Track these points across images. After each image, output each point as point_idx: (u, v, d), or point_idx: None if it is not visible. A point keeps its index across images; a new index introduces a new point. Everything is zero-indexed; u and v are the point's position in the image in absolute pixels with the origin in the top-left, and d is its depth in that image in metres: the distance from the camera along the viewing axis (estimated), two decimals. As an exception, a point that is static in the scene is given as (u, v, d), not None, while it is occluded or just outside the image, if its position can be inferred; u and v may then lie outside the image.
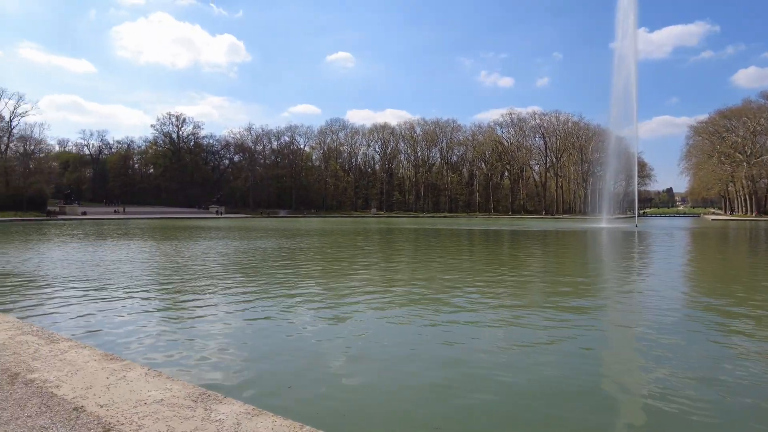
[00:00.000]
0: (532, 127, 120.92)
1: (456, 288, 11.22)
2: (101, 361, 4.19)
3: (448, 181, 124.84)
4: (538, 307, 9.07)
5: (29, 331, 5.27)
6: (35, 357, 4.34)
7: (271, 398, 4.59)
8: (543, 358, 5.91)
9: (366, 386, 5.07)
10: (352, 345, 6.48)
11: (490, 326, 7.59)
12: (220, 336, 6.85)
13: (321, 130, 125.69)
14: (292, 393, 4.77)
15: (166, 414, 3.09)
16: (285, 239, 28.31)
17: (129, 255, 18.43)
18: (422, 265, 16.73)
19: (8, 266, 14.77)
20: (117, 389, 3.53)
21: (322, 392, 4.82)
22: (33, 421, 3.02)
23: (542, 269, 15.62)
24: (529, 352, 6.12)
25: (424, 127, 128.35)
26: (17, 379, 3.78)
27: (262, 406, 3.40)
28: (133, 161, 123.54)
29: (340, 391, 4.90)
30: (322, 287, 11.49)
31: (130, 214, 80.00)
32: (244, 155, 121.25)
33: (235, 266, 15.33)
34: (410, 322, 7.81)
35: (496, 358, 5.90)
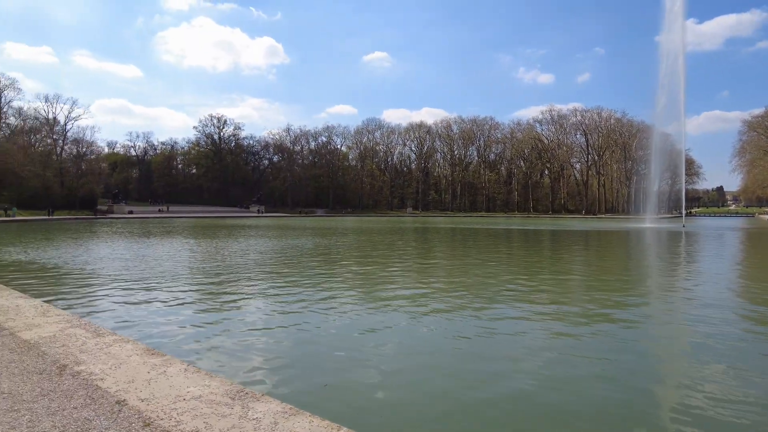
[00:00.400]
0: (572, 124, 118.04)
1: (495, 290, 10.98)
2: (143, 355, 4.27)
3: (485, 179, 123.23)
4: (582, 315, 8.75)
5: (77, 324, 5.45)
6: (82, 350, 4.46)
7: (307, 396, 4.57)
8: (588, 372, 5.63)
9: (401, 388, 4.97)
10: (388, 346, 6.40)
11: (532, 335, 7.35)
12: (257, 333, 6.91)
13: (357, 130, 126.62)
14: (327, 392, 4.73)
15: (205, 411, 3.09)
16: (322, 238, 28.55)
17: (172, 252, 18.98)
18: (459, 265, 16.51)
19: (60, 261, 15.46)
20: (157, 384, 3.57)
21: (358, 392, 4.76)
22: (78, 413, 3.08)
23: (584, 273, 15.11)
24: (574, 367, 5.83)
25: (461, 125, 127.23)
26: (65, 371, 3.88)
27: (298, 404, 3.37)
28: (177, 162, 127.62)
29: (376, 391, 4.83)
30: (359, 286, 11.48)
31: (174, 213, 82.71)
32: (282, 155, 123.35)
33: (274, 264, 15.54)
34: (447, 326, 7.67)
35: (539, 372, 5.60)
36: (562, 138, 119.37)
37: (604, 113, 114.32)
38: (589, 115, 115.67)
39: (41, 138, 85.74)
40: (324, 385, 4.89)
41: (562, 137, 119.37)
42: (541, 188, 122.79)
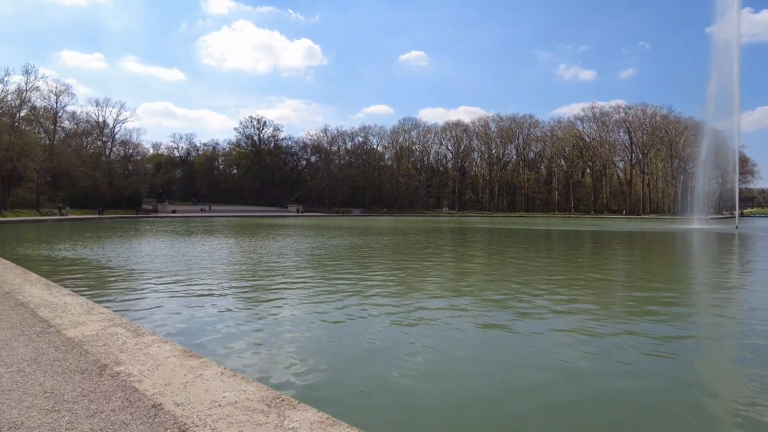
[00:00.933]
0: (615, 121, 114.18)
1: (534, 294, 10.62)
2: (180, 357, 4.25)
3: (524, 179, 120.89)
4: (624, 323, 8.32)
5: (119, 323, 5.51)
6: (122, 349, 4.49)
7: (344, 403, 4.45)
8: (631, 386, 5.31)
9: (441, 396, 4.79)
10: (426, 352, 6.22)
11: (572, 345, 7.02)
12: (294, 335, 6.86)
13: (393, 130, 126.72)
14: (364, 399, 4.60)
15: (240, 418, 3.00)
16: (359, 238, 28.58)
17: (212, 250, 19.36)
18: (497, 267, 16.12)
19: (103, 259, 16.00)
20: (193, 387, 3.52)
21: (395, 400, 4.61)
22: (115, 416, 3.05)
23: (629, 279, 14.48)
24: (619, 380, 5.51)
25: (500, 124, 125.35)
26: (105, 371, 3.89)
27: (335, 412, 3.25)
28: (218, 162, 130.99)
29: (414, 398, 4.66)
30: (397, 288, 11.33)
31: (216, 212, 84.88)
32: (320, 156, 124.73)
33: (312, 264, 15.59)
34: (485, 331, 7.42)
35: (582, 384, 5.33)
36: (604, 136, 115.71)
37: (649, 110, 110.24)
38: (633, 111, 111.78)
39: (92, 140, 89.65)
40: (361, 391, 4.76)
41: (604, 135, 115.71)
42: (582, 188, 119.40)
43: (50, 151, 71.42)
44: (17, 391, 3.50)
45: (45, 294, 7.45)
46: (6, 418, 3.03)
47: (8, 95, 68.98)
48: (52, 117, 79.44)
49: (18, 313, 6.10)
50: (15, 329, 5.28)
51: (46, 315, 5.94)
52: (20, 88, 70.31)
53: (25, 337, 4.94)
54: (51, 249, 19.87)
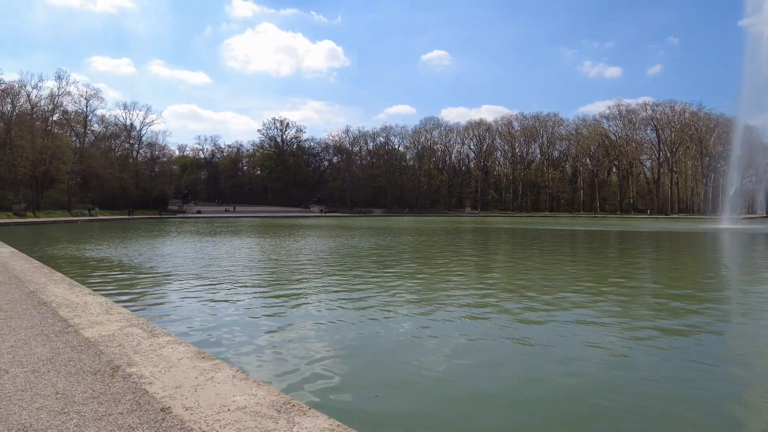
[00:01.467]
0: (642, 119, 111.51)
1: (559, 296, 10.34)
2: (193, 358, 4.19)
3: (548, 178, 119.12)
4: (653, 330, 8.01)
5: (136, 324, 5.51)
6: (136, 350, 4.46)
7: (358, 408, 4.34)
8: (661, 394, 5.05)
9: (460, 401, 4.63)
10: (446, 355, 6.06)
11: (600, 355, 6.76)
12: (312, 337, 6.78)
13: (415, 130, 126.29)
14: (378, 404, 4.48)
15: (248, 424, 2.90)
16: (381, 238, 28.49)
17: (235, 251, 19.51)
18: (521, 269, 15.82)
19: (126, 259, 16.26)
20: (204, 391, 3.45)
21: (410, 406, 4.48)
22: (123, 419, 2.99)
23: (656, 281, 14.03)
24: (653, 391, 5.27)
25: (523, 122, 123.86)
26: (118, 372, 3.86)
27: (348, 416, 3.14)
28: (242, 164, 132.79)
29: (430, 407, 4.52)
30: (417, 289, 11.19)
31: (240, 212, 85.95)
32: (341, 157, 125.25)
33: (331, 264, 15.55)
34: (508, 333, 7.22)
35: (615, 396, 5.07)
36: (630, 134, 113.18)
37: (678, 107, 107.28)
38: (661, 109, 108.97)
39: (120, 143, 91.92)
40: (375, 396, 4.64)
41: (630, 133, 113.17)
42: (608, 187, 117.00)
43: (81, 154, 73.45)
44: (30, 391, 3.48)
45: (67, 293, 7.53)
46: (15, 420, 3.00)
47: (42, 100, 71.28)
48: (83, 120, 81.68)
49: (39, 312, 6.17)
50: (35, 328, 5.32)
51: (66, 314, 5.99)
52: (53, 93, 72.61)
53: (43, 337, 4.96)
54: (78, 249, 20.32)
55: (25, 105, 68.46)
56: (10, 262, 11.65)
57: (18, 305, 6.59)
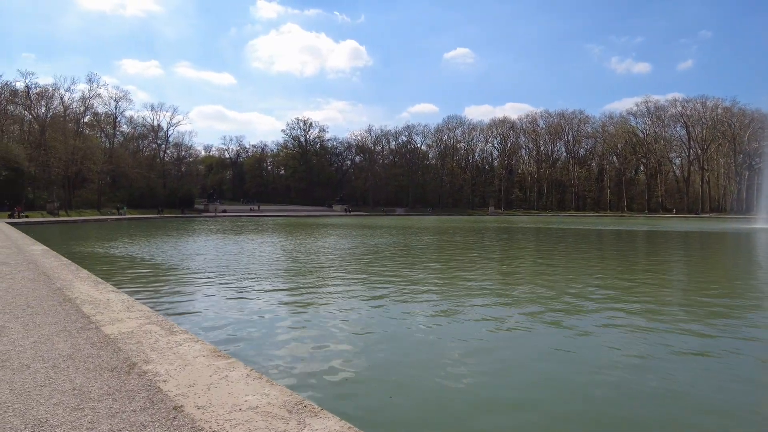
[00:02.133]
0: (672, 115, 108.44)
1: (585, 302, 10.10)
2: (209, 357, 4.20)
3: (574, 176, 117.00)
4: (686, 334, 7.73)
5: (155, 321, 5.57)
6: (153, 348, 4.49)
7: (372, 409, 4.28)
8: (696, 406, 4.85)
9: (476, 409, 4.53)
10: (467, 357, 5.96)
11: (631, 362, 6.55)
12: (327, 337, 6.76)
13: (438, 128, 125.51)
14: (392, 408, 4.42)
15: (259, 424, 2.87)
16: (404, 236, 28.41)
17: (259, 249, 19.70)
18: (546, 269, 15.55)
19: (150, 256, 16.56)
20: (217, 390, 3.44)
21: (424, 412, 4.40)
22: (135, 417, 3.00)
23: (689, 285, 13.61)
24: (684, 399, 5.07)
25: (548, 120, 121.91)
26: (133, 370, 3.89)
27: (362, 417, 3.09)
28: (267, 163, 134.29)
29: (445, 411, 4.43)
30: (437, 290, 11.08)
31: (264, 211, 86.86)
32: (364, 156, 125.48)
33: (353, 263, 15.55)
34: (529, 338, 7.06)
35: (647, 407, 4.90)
36: (659, 131, 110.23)
37: (710, 102, 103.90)
38: (692, 105, 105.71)
39: (147, 143, 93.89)
40: (389, 397, 4.58)
41: (659, 130, 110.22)
42: (635, 185, 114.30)
43: (110, 154, 75.33)
44: (48, 387, 3.53)
45: (92, 290, 7.68)
46: (33, 415, 3.04)
47: (74, 103, 73.42)
48: (112, 122, 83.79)
49: (64, 308, 6.29)
50: (59, 324, 5.42)
51: (88, 311, 6.09)
52: (84, 95, 74.73)
53: (66, 333, 5.05)
54: (106, 247, 20.81)
55: (58, 107, 70.69)
56: (40, 260, 11.97)
57: (44, 301, 6.74)
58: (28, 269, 10.21)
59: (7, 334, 4.98)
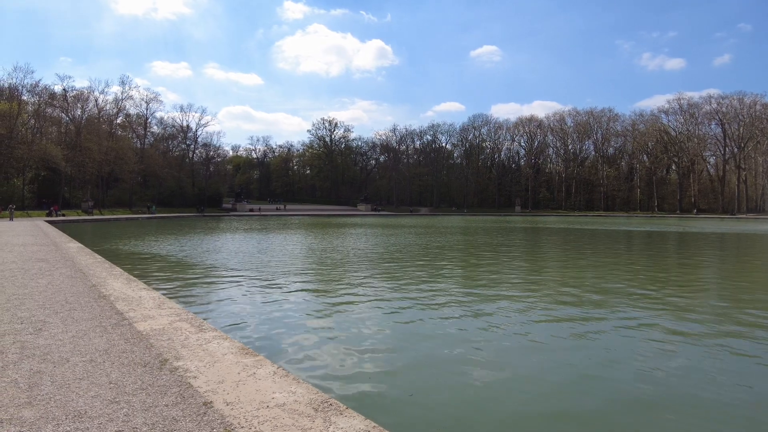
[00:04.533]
0: (706, 112, 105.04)
1: (615, 303, 9.93)
2: (237, 354, 4.30)
3: (603, 176, 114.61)
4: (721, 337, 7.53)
5: (185, 318, 5.72)
6: (184, 345, 4.63)
7: (393, 408, 4.32)
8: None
9: (497, 409, 4.52)
10: (489, 360, 5.94)
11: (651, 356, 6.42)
12: (357, 335, 6.82)
13: (463, 127, 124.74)
14: (415, 406, 4.45)
15: (286, 422, 2.95)
16: (430, 237, 28.36)
17: (287, 248, 19.96)
18: (575, 271, 15.32)
19: (179, 253, 16.96)
20: (245, 387, 3.53)
21: (446, 411, 4.41)
22: (167, 411, 3.11)
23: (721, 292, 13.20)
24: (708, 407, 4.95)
25: (576, 118, 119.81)
26: (165, 366, 4.01)
27: (386, 416, 3.12)
28: (293, 163, 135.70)
29: (470, 411, 4.43)
30: (465, 291, 11.05)
31: (290, 211, 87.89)
32: (388, 155, 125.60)
33: (380, 262, 15.61)
34: (555, 337, 6.99)
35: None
36: (692, 129, 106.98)
37: (747, 99, 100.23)
38: (728, 102, 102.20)
39: (177, 144, 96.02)
40: (410, 395, 4.63)
41: (692, 128, 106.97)
42: (667, 185, 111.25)
43: (141, 155, 77.34)
44: (87, 380, 3.68)
45: (125, 288, 7.93)
46: (73, 407, 3.18)
47: (107, 105, 75.66)
48: (143, 123, 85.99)
49: (99, 305, 6.52)
50: (94, 320, 5.63)
51: (122, 308, 6.30)
52: (117, 97, 76.98)
53: (101, 329, 5.24)
54: (137, 244, 21.41)
55: (93, 109, 72.90)
56: (76, 257, 12.41)
57: (81, 297, 7.00)
58: (66, 266, 10.59)
59: (48, 329, 5.20)
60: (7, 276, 9.14)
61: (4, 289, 7.64)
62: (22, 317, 5.76)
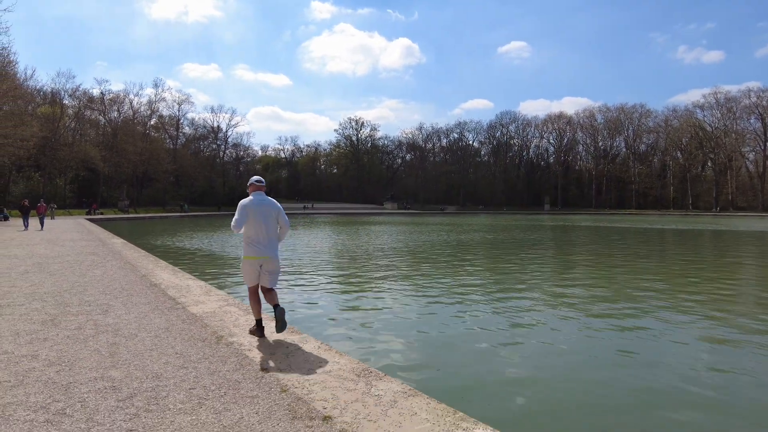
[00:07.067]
0: (745, 107, 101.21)
1: (645, 298, 10.06)
2: (284, 333, 4.77)
3: (634, 173, 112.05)
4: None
5: (232, 303, 6.25)
6: (235, 324, 5.13)
7: (424, 380, 4.71)
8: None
9: (529, 385, 4.86)
10: (520, 345, 6.27)
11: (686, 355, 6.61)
12: (388, 321, 7.23)
13: (490, 125, 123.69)
14: (442, 378, 4.84)
15: (333, 384, 3.38)
16: (458, 234, 28.60)
17: (314, 242, 20.55)
18: (609, 271, 15.38)
19: (215, 248, 17.68)
20: (294, 358, 3.99)
21: (472, 384, 4.78)
22: (230, 375, 3.58)
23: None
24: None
25: (607, 114, 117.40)
26: (221, 341, 4.51)
27: (415, 383, 3.50)
28: (320, 163, 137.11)
29: (498, 385, 4.79)
30: (495, 284, 11.34)
31: (318, 209, 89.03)
32: (414, 154, 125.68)
33: (409, 257, 16.00)
34: (582, 331, 7.24)
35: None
36: (730, 124, 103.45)
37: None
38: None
39: (208, 144, 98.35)
40: (437, 369, 5.04)
41: (730, 123, 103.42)
42: (701, 182, 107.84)
43: (174, 155, 79.62)
44: (156, 351, 4.20)
45: (172, 278, 8.55)
46: (150, 370, 3.69)
47: (142, 107, 78.24)
48: (175, 124, 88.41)
49: (153, 292, 7.12)
50: (151, 305, 6.20)
51: (173, 294, 6.87)
52: (151, 99, 79.51)
53: (159, 311, 5.80)
54: (175, 241, 22.34)
55: (128, 111, 75.52)
56: (123, 251, 13.21)
57: (135, 286, 7.62)
58: (115, 259, 11.35)
59: (113, 311, 5.79)
60: (66, 267, 9.91)
61: (67, 278, 8.36)
62: (88, 301, 6.38)
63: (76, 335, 4.68)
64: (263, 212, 4.86)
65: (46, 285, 7.62)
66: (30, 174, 56.22)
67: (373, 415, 2.86)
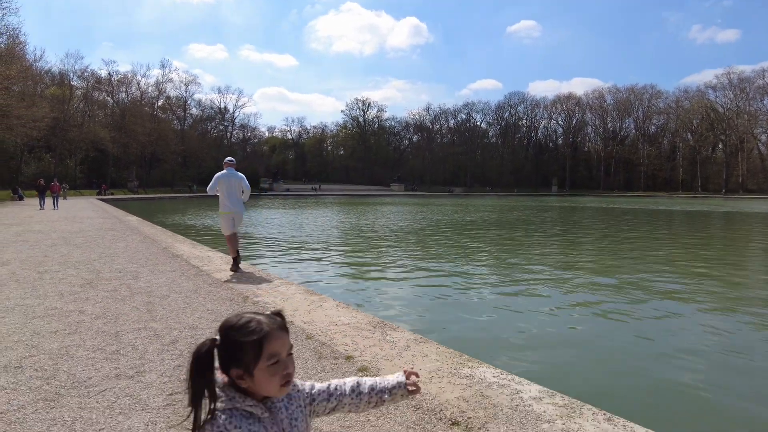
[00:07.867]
0: (759, 87, 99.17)
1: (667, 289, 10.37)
2: (304, 294, 5.18)
3: (644, 155, 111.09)
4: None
5: (252, 270, 6.67)
6: (258, 288, 5.54)
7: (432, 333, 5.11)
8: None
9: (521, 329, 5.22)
10: (530, 323, 6.64)
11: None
12: (394, 286, 7.63)
13: (498, 105, 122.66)
14: (452, 334, 5.24)
15: (352, 333, 3.78)
16: (466, 214, 28.91)
17: (320, 221, 20.98)
18: (619, 254, 15.66)
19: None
20: (315, 313, 4.39)
21: (470, 339, 5.17)
22: (259, 328, 3.98)
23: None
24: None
25: (616, 95, 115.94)
26: (248, 300, 4.92)
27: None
28: (327, 144, 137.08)
29: (508, 340, 5.17)
30: (503, 266, 11.68)
31: (325, 191, 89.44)
32: (422, 135, 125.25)
33: (414, 235, 16.38)
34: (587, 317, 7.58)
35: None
36: (742, 105, 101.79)
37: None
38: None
39: (215, 125, 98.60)
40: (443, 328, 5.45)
41: (743, 104, 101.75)
42: (712, 164, 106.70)
43: (181, 136, 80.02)
44: (189, 308, 4.61)
45: (192, 250, 8.98)
46: (185, 322, 4.10)
47: (149, 88, 78.42)
48: (183, 105, 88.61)
49: (176, 261, 7.54)
50: (176, 272, 6.62)
51: (196, 263, 7.30)
52: (158, 80, 79.61)
53: (185, 277, 6.22)
54: (185, 219, 22.85)
55: (135, 92, 75.83)
56: (140, 227, 13.68)
57: (158, 256, 8.05)
58: (134, 234, 11.80)
59: (143, 277, 6.22)
60: (89, 240, 10.37)
61: (93, 249, 8.81)
62: (118, 268, 6.82)
63: (114, 296, 5.11)
64: (231, 182, 7.32)
65: (75, 255, 8.07)
66: (41, 155, 56.89)
67: (389, 356, 3.25)
